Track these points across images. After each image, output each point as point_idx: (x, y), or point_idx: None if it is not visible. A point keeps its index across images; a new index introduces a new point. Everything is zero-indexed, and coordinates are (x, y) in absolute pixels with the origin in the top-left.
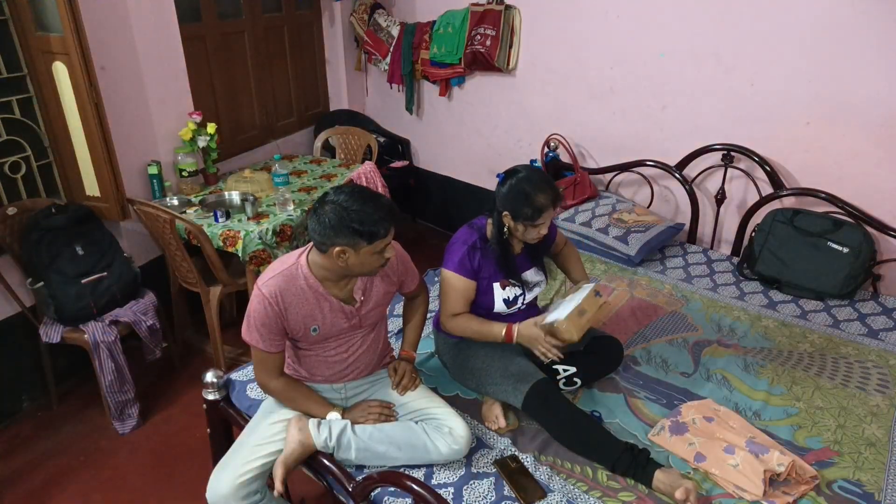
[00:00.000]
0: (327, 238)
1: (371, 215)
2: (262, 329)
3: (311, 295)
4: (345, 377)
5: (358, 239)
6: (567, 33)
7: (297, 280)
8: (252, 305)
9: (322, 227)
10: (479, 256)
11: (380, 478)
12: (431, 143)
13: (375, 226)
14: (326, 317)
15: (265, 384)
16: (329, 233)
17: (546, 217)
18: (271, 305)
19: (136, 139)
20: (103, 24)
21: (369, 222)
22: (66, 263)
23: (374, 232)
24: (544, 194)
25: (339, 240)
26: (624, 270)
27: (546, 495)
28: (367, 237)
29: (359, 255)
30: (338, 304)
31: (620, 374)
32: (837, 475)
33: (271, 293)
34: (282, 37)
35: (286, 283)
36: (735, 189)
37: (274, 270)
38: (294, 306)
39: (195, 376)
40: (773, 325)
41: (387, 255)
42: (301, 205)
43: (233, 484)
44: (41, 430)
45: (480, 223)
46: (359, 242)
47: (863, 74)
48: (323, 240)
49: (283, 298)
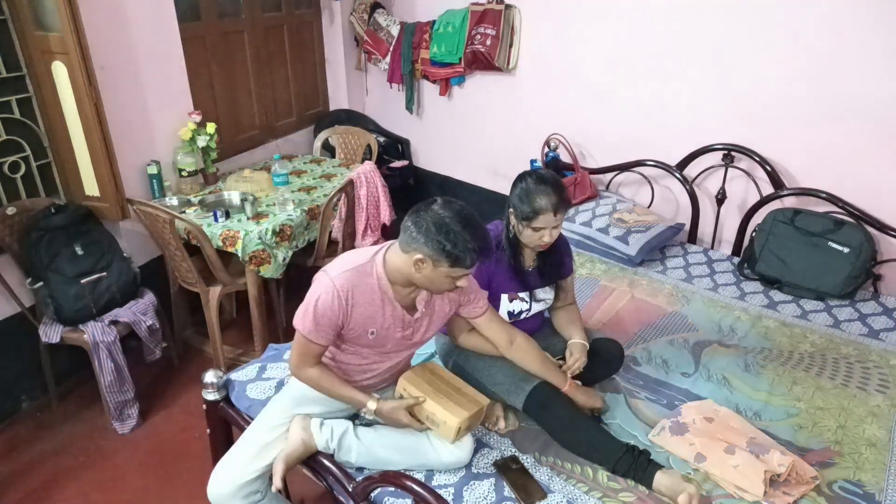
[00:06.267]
0: (415, 242)
1: (466, 242)
2: (321, 319)
3: (379, 296)
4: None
5: (442, 257)
6: (567, 33)
7: (370, 278)
8: (317, 293)
9: (416, 230)
10: (493, 265)
11: (380, 478)
12: (431, 143)
13: (464, 253)
14: (387, 320)
15: (301, 371)
16: (420, 237)
17: (544, 221)
18: (339, 298)
19: (136, 139)
20: (103, 23)
21: (461, 247)
22: (65, 263)
23: (461, 258)
24: (546, 197)
25: (425, 249)
26: (624, 270)
27: (546, 496)
28: (452, 260)
29: (435, 271)
30: (401, 310)
31: (621, 374)
32: (838, 475)
33: (343, 287)
34: (282, 36)
35: (359, 279)
36: (735, 189)
37: (347, 264)
38: (361, 305)
39: (195, 376)
40: (773, 326)
41: (459, 283)
42: (300, 205)
43: (234, 483)
44: (41, 430)
45: (495, 228)
46: (441, 260)
47: (863, 74)
48: (410, 241)
49: (353, 295)
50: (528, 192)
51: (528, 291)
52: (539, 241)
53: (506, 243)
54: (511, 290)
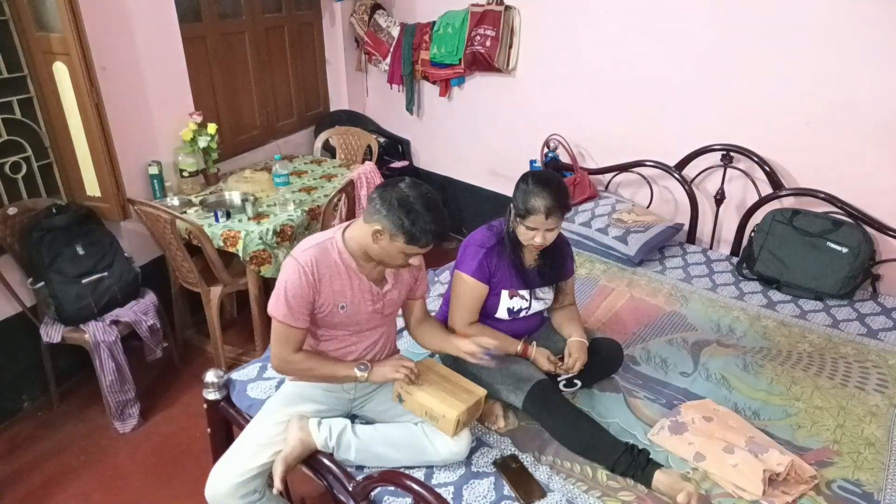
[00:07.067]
0: (377, 213)
1: (426, 223)
2: (292, 301)
3: (344, 269)
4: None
5: (400, 232)
6: (567, 33)
7: (332, 253)
8: (284, 275)
9: (381, 202)
10: (496, 260)
11: (380, 477)
12: (431, 144)
13: (420, 232)
14: (356, 294)
15: (284, 359)
16: (382, 210)
17: (535, 222)
18: (306, 274)
19: (137, 139)
20: (104, 24)
21: (419, 227)
22: (66, 263)
23: (417, 237)
24: (540, 199)
25: (385, 222)
26: (623, 270)
27: (546, 495)
28: (408, 237)
29: (391, 244)
30: (367, 283)
31: (620, 373)
32: (837, 475)
33: (307, 262)
34: (282, 37)
35: (321, 255)
36: (734, 189)
37: (309, 243)
38: (327, 278)
39: (196, 376)
40: (772, 325)
41: (412, 261)
42: (301, 205)
43: (232, 483)
44: (42, 429)
45: (500, 225)
46: (398, 235)
47: (862, 74)
48: (373, 213)
49: (318, 269)
50: (527, 191)
51: (529, 289)
52: (531, 241)
53: (507, 239)
54: (511, 287)
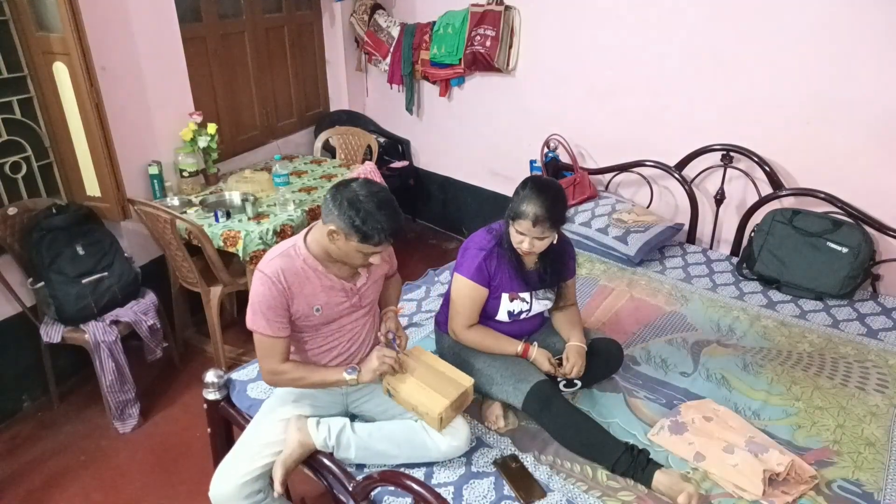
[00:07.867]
0: (330, 214)
1: (377, 222)
2: (267, 312)
3: (312, 273)
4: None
5: (353, 231)
6: (567, 33)
7: (296, 261)
8: (255, 289)
9: (332, 202)
10: (495, 263)
11: (380, 477)
12: (431, 144)
13: (372, 231)
14: (328, 294)
15: (273, 371)
16: (334, 210)
17: (522, 227)
18: (275, 284)
19: (137, 139)
20: (104, 24)
21: (369, 226)
22: (66, 263)
23: (370, 235)
24: (531, 206)
25: (338, 221)
26: (623, 270)
27: (546, 495)
28: (361, 235)
29: (347, 244)
30: (338, 281)
31: (620, 373)
32: (837, 475)
33: (274, 272)
34: (282, 37)
35: (286, 263)
36: (734, 189)
37: (273, 253)
38: (296, 284)
39: (196, 376)
40: (772, 325)
41: (372, 259)
42: (301, 205)
43: (236, 483)
44: (42, 429)
45: (499, 228)
46: (351, 234)
47: (862, 74)
48: (327, 213)
49: (286, 277)
50: (522, 195)
51: (529, 291)
52: (519, 245)
53: (506, 241)
54: (512, 290)
